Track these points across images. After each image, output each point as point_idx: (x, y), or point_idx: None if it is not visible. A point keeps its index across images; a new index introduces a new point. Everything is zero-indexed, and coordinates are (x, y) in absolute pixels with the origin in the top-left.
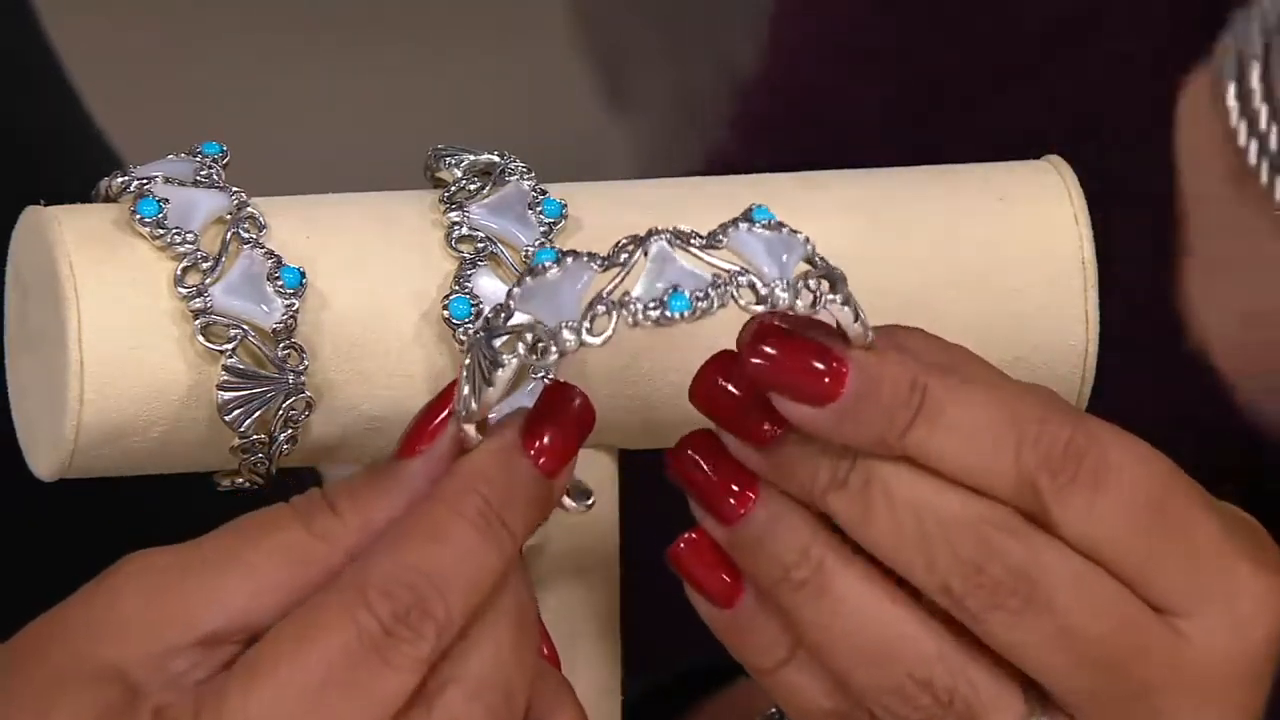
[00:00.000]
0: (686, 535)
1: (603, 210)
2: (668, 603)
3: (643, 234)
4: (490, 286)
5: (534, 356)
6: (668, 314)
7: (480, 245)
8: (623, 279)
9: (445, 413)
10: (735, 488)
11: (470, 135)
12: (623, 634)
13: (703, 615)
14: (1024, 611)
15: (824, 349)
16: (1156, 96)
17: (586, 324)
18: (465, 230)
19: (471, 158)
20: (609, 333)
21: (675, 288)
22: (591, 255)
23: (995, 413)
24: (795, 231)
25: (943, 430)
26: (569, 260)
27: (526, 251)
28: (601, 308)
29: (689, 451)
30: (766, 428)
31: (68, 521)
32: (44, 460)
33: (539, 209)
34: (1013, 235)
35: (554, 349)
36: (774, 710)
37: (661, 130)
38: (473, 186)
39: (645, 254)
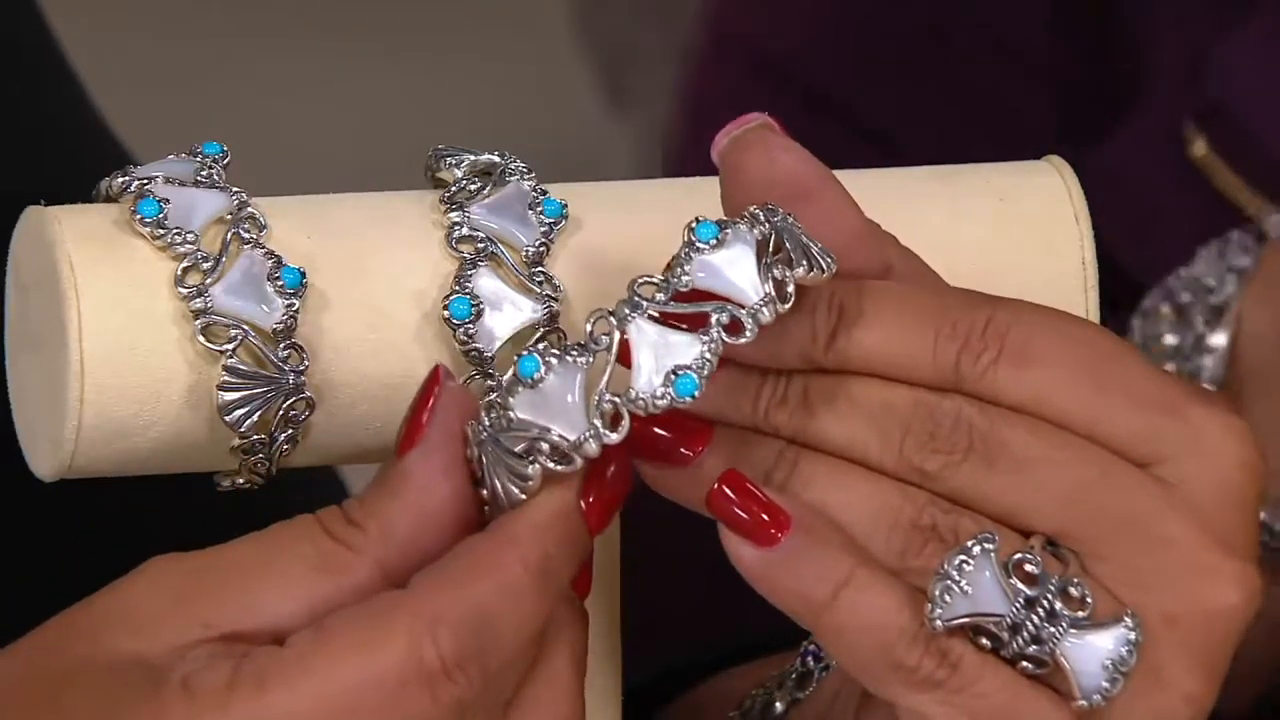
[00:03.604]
0: (716, 485)
1: (603, 210)
2: (668, 603)
3: (609, 309)
4: (490, 286)
5: (559, 465)
6: (678, 398)
7: (481, 245)
8: (613, 365)
9: (432, 402)
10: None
11: (470, 135)
12: (623, 634)
13: (749, 569)
14: (986, 463)
15: None
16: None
17: (603, 428)
18: (466, 230)
19: (472, 158)
20: (625, 430)
21: (676, 371)
22: (572, 349)
23: (912, 311)
24: (735, 223)
25: (864, 336)
26: (555, 364)
27: (527, 251)
28: (609, 406)
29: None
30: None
31: (68, 521)
32: (44, 460)
33: (539, 209)
34: (1013, 235)
35: (578, 458)
36: (754, 693)
37: (661, 130)
38: (473, 187)
39: (624, 334)
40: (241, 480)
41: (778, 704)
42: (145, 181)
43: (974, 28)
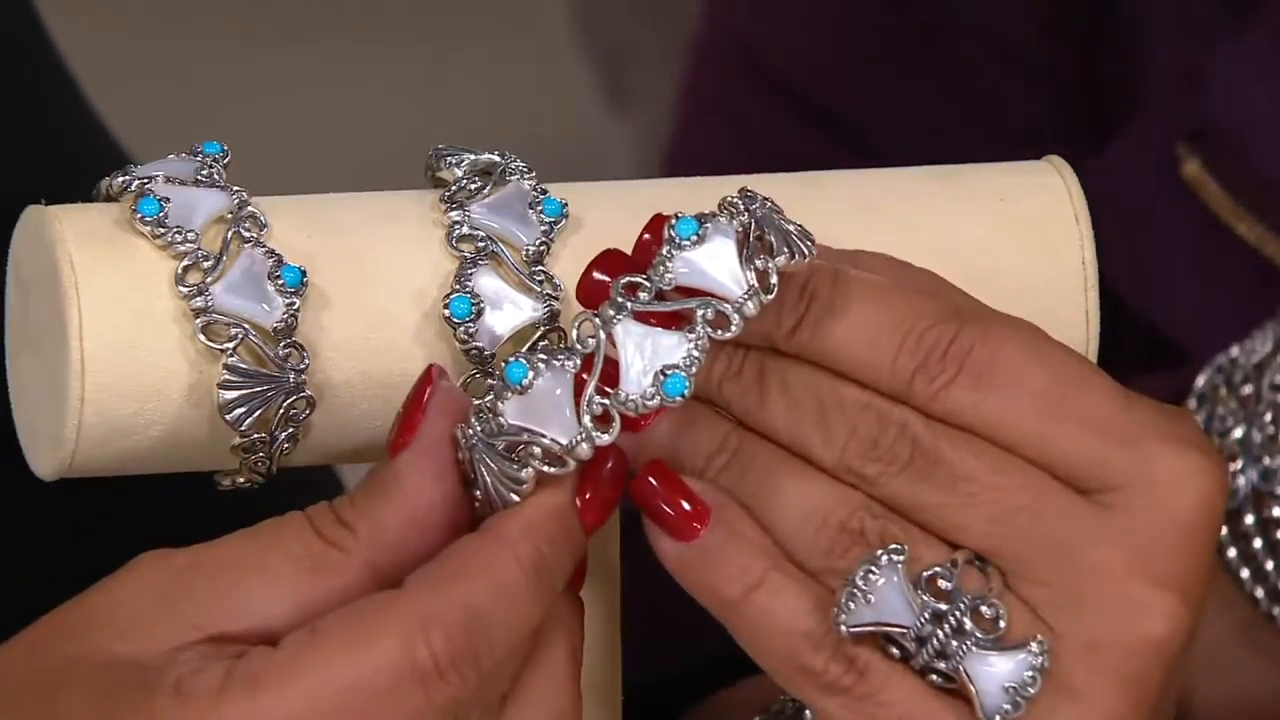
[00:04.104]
0: (644, 468)
1: (603, 210)
2: (668, 602)
3: (594, 312)
4: (491, 286)
5: (552, 468)
6: (669, 399)
7: (481, 245)
8: (600, 367)
9: (426, 401)
10: None
11: (470, 135)
12: (623, 634)
13: (667, 560)
14: (922, 476)
15: None
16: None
17: (594, 430)
18: (466, 229)
19: (472, 157)
20: (615, 431)
21: (665, 372)
22: (559, 354)
23: (879, 315)
24: (716, 216)
25: (828, 330)
26: (543, 368)
27: (527, 250)
28: (598, 408)
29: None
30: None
31: (68, 521)
32: (45, 460)
33: (539, 208)
34: (1013, 235)
35: (571, 462)
36: (782, 701)
37: (661, 130)
38: (473, 186)
39: (609, 337)
40: (242, 479)
41: (808, 712)
42: (145, 181)
43: (972, 29)
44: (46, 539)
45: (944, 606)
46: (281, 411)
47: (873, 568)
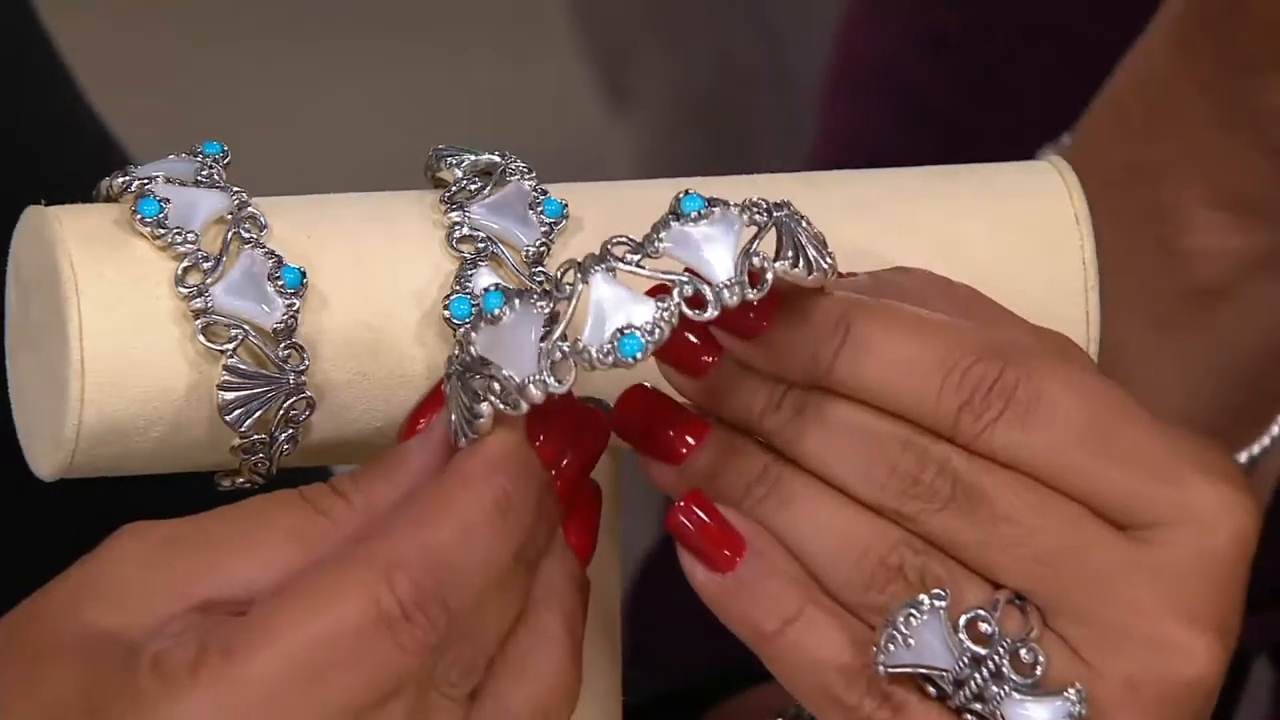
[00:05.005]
0: (679, 503)
1: (603, 210)
2: (668, 602)
3: (580, 258)
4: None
5: (506, 407)
6: (621, 358)
7: (481, 245)
8: (571, 312)
9: (443, 392)
10: (684, 430)
11: (471, 135)
12: (623, 635)
13: (702, 590)
14: (963, 514)
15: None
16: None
17: (548, 376)
18: (466, 230)
19: (472, 158)
20: (571, 379)
21: (624, 330)
22: (535, 294)
23: (922, 350)
24: (727, 205)
25: (867, 365)
26: (517, 303)
27: (527, 251)
28: (558, 353)
29: (631, 402)
30: (703, 358)
31: (68, 521)
32: (45, 460)
33: (540, 209)
34: (1013, 235)
35: (523, 403)
36: (797, 709)
37: (661, 130)
38: (473, 186)
39: (586, 283)
40: (242, 480)
41: None
42: (145, 181)
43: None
44: (46, 539)
45: (983, 651)
46: (281, 412)
47: (915, 611)
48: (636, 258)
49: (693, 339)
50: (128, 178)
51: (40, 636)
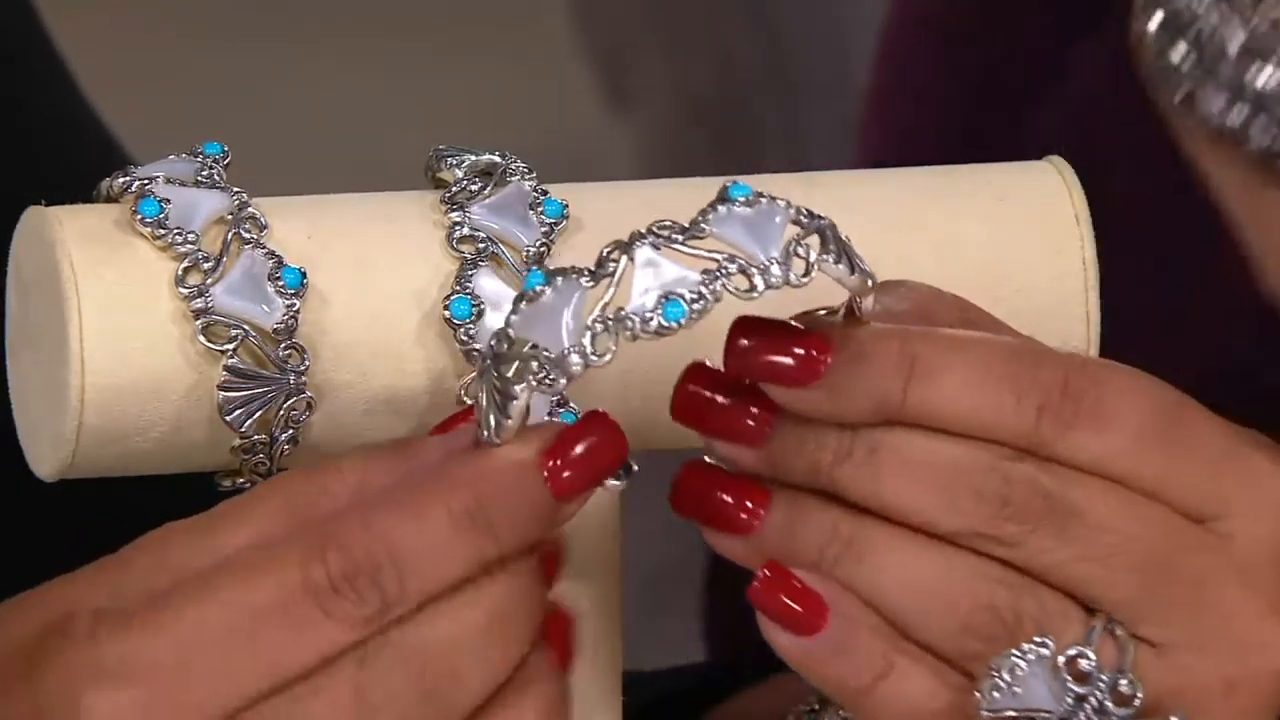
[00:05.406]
0: (760, 574)
1: (603, 210)
2: (669, 602)
3: (626, 238)
4: (491, 287)
5: (545, 385)
6: (665, 324)
7: (481, 245)
8: (614, 291)
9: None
10: (745, 500)
11: (470, 135)
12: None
13: (786, 654)
14: (1058, 530)
15: (801, 331)
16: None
17: (589, 346)
18: (466, 230)
19: (472, 158)
20: (613, 351)
21: (668, 296)
22: (579, 270)
23: (989, 368)
24: (774, 198)
25: (938, 391)
26: (559, 280)
27: (527, 251)
28: (600, 326)
29: (687, 483)
30: (753, 424)
31: (68, 521)
32: (45, 460)
33: (540, 209)
34: (1013, 235)
35: (562, 377)
36: (800, 707)
37: (661, 130)
38: (474, 187)
39: (631, 260)
40: (242, 480)
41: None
42: (146, 181)
43: None
44: (46, 539)
45: (1084, 690)
46: (282, 413)
47: (1019, 661)
48: (681, 238)
49: (749, 417)
50: (128, 178)
51: (39, 618)
